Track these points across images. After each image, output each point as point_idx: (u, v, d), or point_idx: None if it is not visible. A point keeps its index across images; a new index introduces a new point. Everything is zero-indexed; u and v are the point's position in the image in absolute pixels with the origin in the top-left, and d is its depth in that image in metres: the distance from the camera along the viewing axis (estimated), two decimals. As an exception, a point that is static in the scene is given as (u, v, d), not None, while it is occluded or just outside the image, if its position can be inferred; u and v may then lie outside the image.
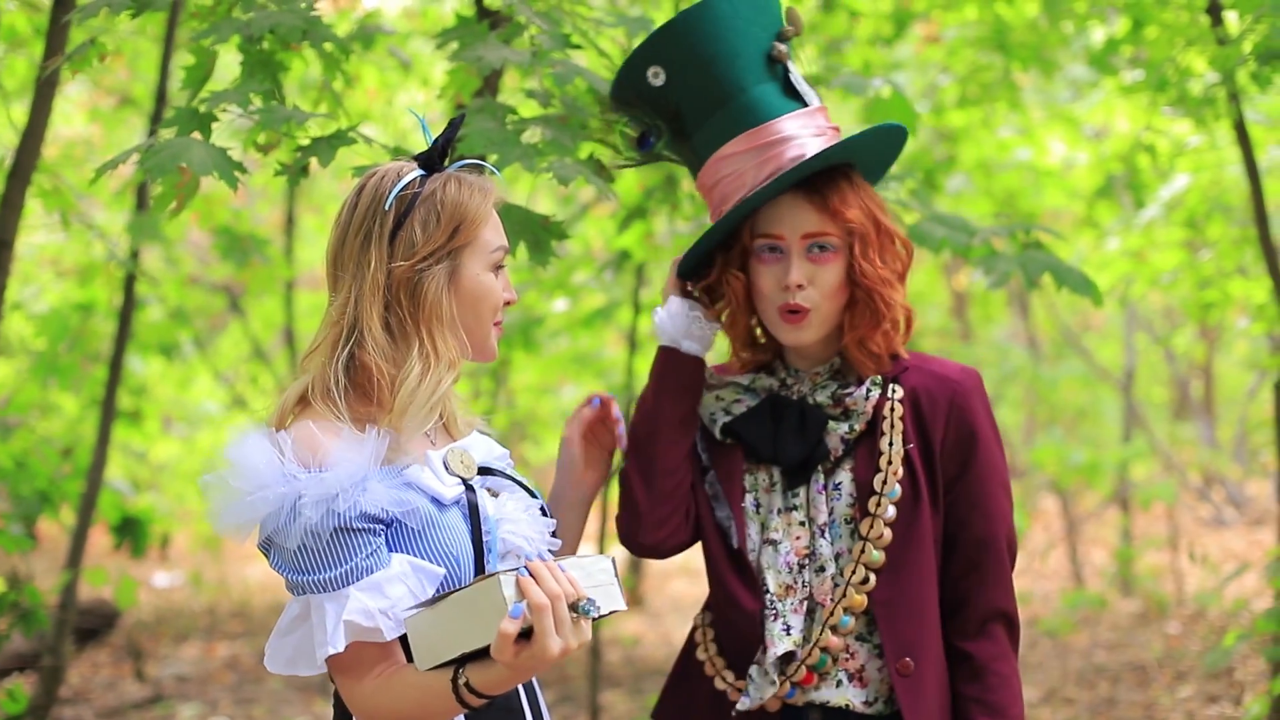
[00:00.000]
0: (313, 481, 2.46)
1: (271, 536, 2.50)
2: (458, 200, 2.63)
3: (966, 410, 3.06)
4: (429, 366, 2.58)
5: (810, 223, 3.01)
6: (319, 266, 13.80)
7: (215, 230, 7.03)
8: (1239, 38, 5.39)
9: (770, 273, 3.04)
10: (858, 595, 2.99)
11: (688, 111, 3.03)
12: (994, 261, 4.11)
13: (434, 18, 9.66)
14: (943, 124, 8.97)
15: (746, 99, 3.01)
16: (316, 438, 2.52)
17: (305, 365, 2.68)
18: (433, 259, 2.60)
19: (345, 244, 2.65)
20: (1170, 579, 11.29)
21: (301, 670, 2.54)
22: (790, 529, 3.04)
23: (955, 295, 14.23)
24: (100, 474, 6.56)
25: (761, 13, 3.04)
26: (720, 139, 3.02)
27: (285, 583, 2.53)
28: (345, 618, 2.46)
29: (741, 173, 3.01)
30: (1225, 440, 15.61)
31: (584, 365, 10.34)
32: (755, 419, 3.10)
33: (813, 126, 3.03)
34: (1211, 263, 9.19)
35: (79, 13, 3.42)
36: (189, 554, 14.48)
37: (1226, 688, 8.17)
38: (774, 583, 3.02)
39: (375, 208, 2.63)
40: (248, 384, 12.30)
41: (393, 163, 2.73)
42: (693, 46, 2.99)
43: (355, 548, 2.49)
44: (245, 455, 2.49)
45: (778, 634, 3.00)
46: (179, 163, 3.10)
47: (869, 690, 3.03)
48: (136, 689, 8.72)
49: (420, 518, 2.56)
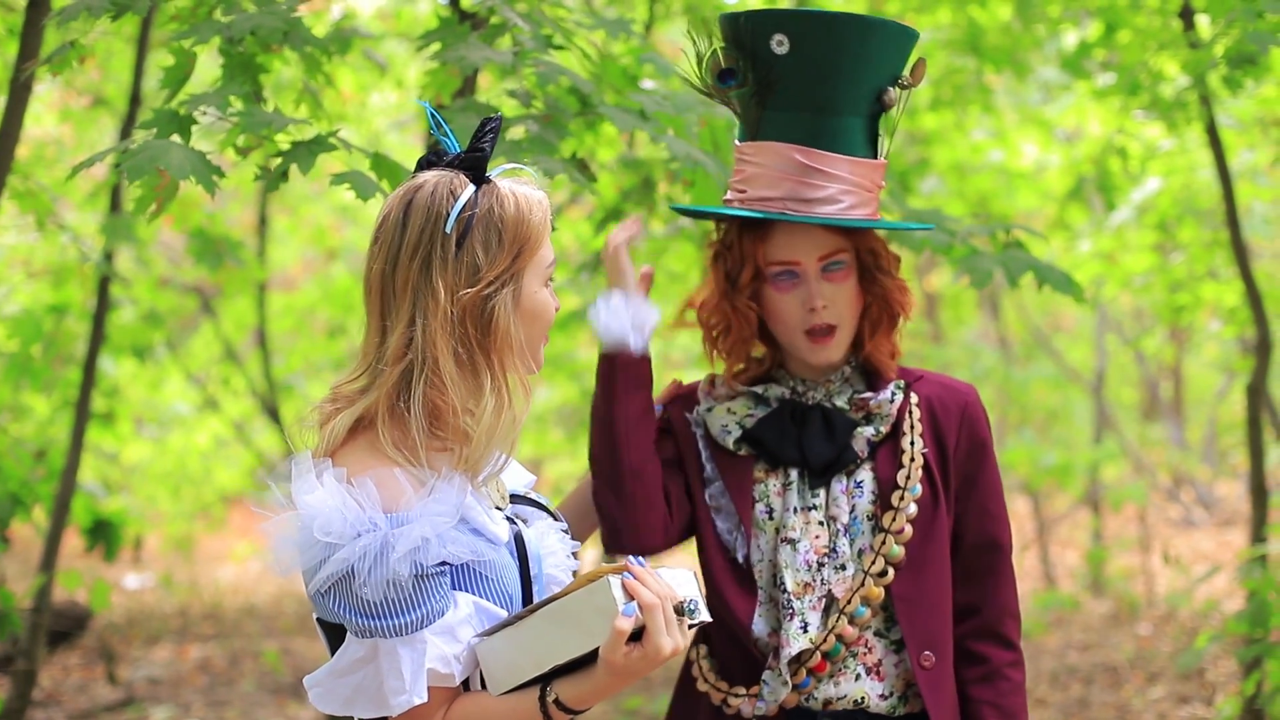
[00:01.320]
0: (404, 534, 2.34)
1: (342, 583, 2.36)
2: (519, 217, 2.46)
3: (976, 420, 3.14)
4: (502, 402, 2.45)
5: (825, 244, 3.04)
6: (291, 267, 13.73)
7: (189, 232, 7.01)
8: (1211, 42, 5.42)
9: (790, 299, 3.07)
10: (875, 587, 3.01)
11: (783, 91, 3.02)
12: (975, 261, 4.12)
13: (407, 19, 9.66)
14: (916, 127, 8.99)
15: (836, 123, 3.01)
16: (399, 484, 2.39)
17: (341, 393, 2.49)
18: (498, 283, 2.43)
19: (399, 268, 2.42)
20: (1141, 580, 11.34)
21: (359, 712, 2.41)
22: (809, 528, 3.06)
23: (926, 297, 14.26)
24: (74, 476, 6.53)
25: (895, 52, 3.04)
26: (790, 136, 3.01)
27: (349, 625, 2.38)
28: (431, 666, 2.38)
29: (782, 176, 3.02)
30: (1194, 441, 15.68)
31: (558, 367, 10.34)
32: (776, 424, 3.12)
33: (866, 179, 3.05)
34: (1183, 266, 9.23)
35: (58, 15, 3.41)
36: (159, 555, 14.43)
37: (1198, 689, 8.21)
38: (791, 581, 3.03)
39: (433, 229, 2.42)
40: (219, 385, 12.26)
41: (438, 174, 2.49)
42: (830, 48, 2.98)
43: (430, 592, 2.38)
44: (320, 501, 2.35)
45: (794, 633, 3.01)
46: (157, 165, 3.07)
47: (885, 684, 3.05)
48: (108, 691, 8.69)
49: (485, 562, 2.46)
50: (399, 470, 2.40)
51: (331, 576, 2.34)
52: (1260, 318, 7.01)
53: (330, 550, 2.33)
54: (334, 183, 3.28)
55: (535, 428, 12.07)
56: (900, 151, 8.72)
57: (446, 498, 2.40)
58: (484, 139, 2.51)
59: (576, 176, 3.46)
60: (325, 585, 2.36)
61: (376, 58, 5.81)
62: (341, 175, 3.29)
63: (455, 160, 2.51)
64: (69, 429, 6.89)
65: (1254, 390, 7.24)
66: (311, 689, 2.45)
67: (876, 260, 3.08)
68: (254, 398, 11.28)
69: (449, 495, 2.41)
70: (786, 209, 3.00)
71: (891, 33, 3.03)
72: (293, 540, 2.36)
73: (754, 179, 3.05)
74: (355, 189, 3.33)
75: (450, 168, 2.50)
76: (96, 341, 6.63)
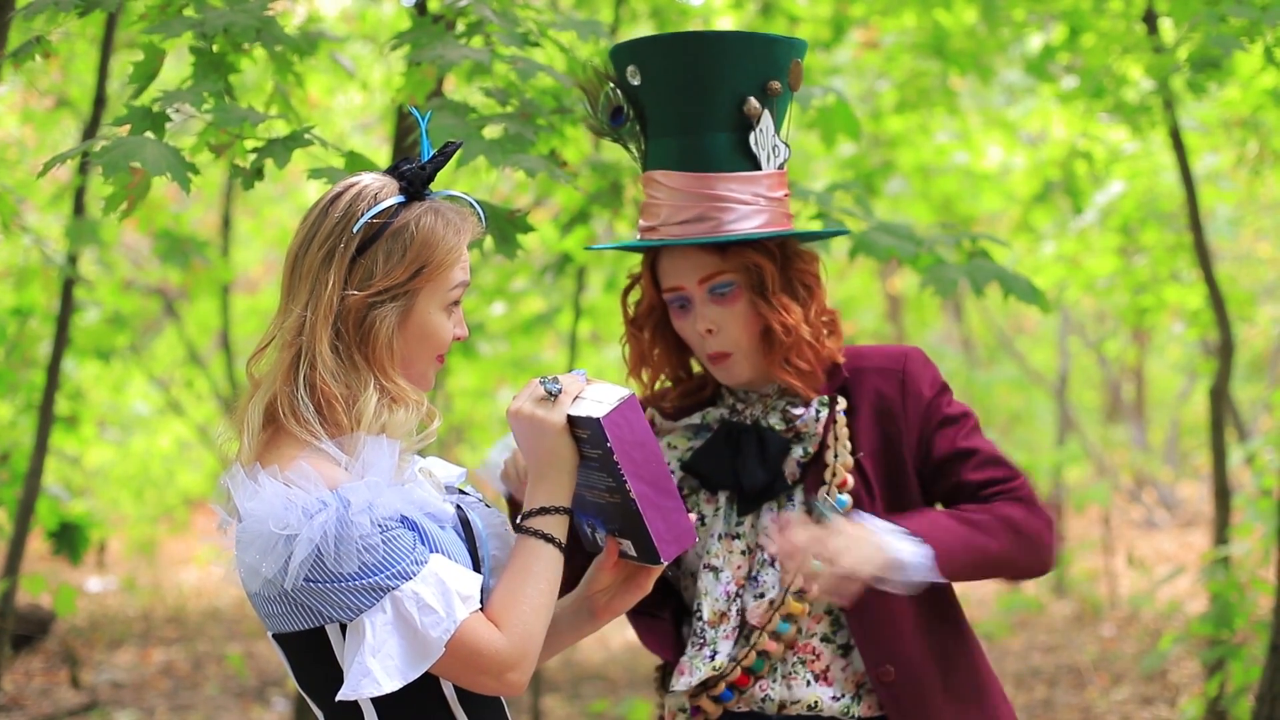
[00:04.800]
0: (353, 492, 2.38)
1: (318, 566, 2.36)
2: (429, 239, 2.51)
3: (924, 379, 3.08)
4: (394, 401, 2.52)
5: (704, 266, 2.99)
6: (253, 270, 13.68)
7: (156, 233, 6.98)
8: (1175, 45, 5.46)
9: (687, 324, 3.04)
10: (797, 603, 2.98)
11: (652, 119, 3.02)
12: (941, 270, 4.13)
13: (372, 21, 9.64)
14: (881, 129, 9.02)
15: (697, 140, 2.98)
16: (330, 461, 2.45)
17: (251, 369, 2.57)
18: (387, 295, 2.50)
19: (307, 254, 2.51)
20: (1104, 582, 11.40)
21: (413, 672, 2.39)
22: (731, 556, 3.04)
23: (889, 299, 14.31)
24: (38, 480, 6.49)
25: (752, 62, 2.98)
26: (663, 162, 3.00)
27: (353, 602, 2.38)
28: (454, 588, 2.40)
29: (661, 203, 3.00)
30: (1156, 443, 15.77)
31: (521, 369, 10.33)
32: (712, 452, 3.08)
33: (747, 192, 2.98)
34: (1146, 269, 9.29)
35: (24, 11, 3.39)
36: (122, 559, 14.37)
37: (1161, 690, 8.26)
38: (708, 610, 3.02)
39: (344, 226, 2.50)
40: (182, 388, 12.22)
41: (378, 178, 2.58)
42: (674, 69, 2.96)
43: (405, 541, 2.40)
44: (266, 500, 2.38)
45: (699, 662, 3.00)
46: (131, 162, 3.06)
47: (835, 687, 3.02)
48: (72, 696, 8.65)
49: (433, 530, 2.48)
50: (325, 444, 2.46)
51: (305, 563, 2.35)
52: (1223, 320, 7.06)
53: (292, 541, 2.35)
54: (311, 176, 3.28)
55: (496, 430, 12.07)
56: (865, 154, 8.73)
57: (379, 456, 2.47)
58: (434, 160, 2.58)
59: (556, 173, 3.46)
60: (302, 575, 2.36)
61: (344, 61, 5.79)
62: (318, 170, 3.29)
63: (402, 170, 2.57)
64: (32, 432, 6.85)
65: (1217, 392, 7.29)
66: (360, 684, 2.38)
67: (760, 278, 3.01)
68: (218, 400, 11.25)
69: (380, 453, 2.47)
70: (666, 235, 2.98)
71: (733, 43, 2.98)
72: (252, 547, 2.37)
73: (646, 209, 3.04)
74: (332, 183, 3.32)
75: (397, 176, 2.57)
76: (60, 344, 6.59)
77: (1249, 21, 4.59)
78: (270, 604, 2.44)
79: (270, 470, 2.43)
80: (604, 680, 9.10)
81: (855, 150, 8.38)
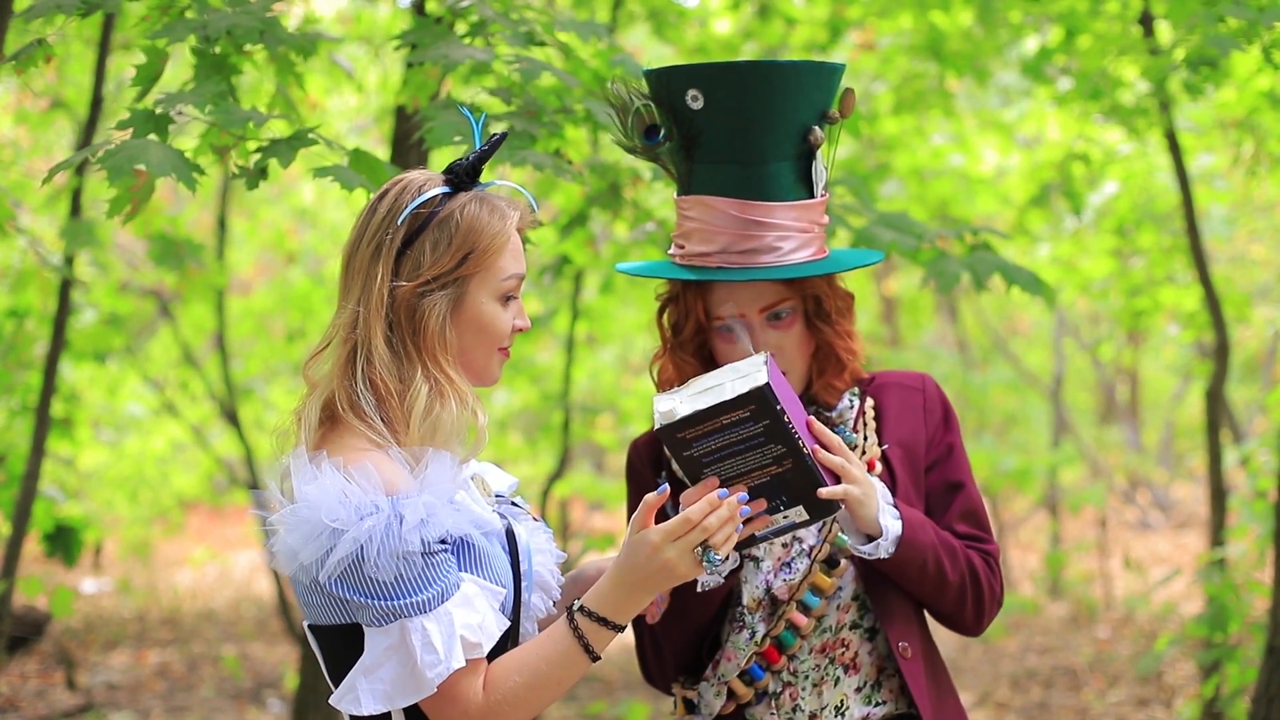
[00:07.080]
0: (409, 506, 2.39)
1: (354, 568, 2.38)
2: (474, 225, 2.53)
3: (939, 401, 3.15)
4: (443, 395, 2.51)
5: (766, 295, 3.01)
6: (247, 272, 13.67)
7: (151, 236, 6.98)
8: (1171, 47, 5.46)
9: (737, 349, 3.02)
10: (825, 576, 3.00)
11: (707, 145, 2.98)
12: (942, 264, 4.12)
13: (367, 23, 9.64)
14: (876, 132, 9.02)
15: (763, 170, 2.96)
16: (395, 466, 2.45)
17: (308, 371, 2.58)
18: (436, 284, 2.51)
19: (358, 252, 2.54)
20: (1100, 583, 11.41)
21: (400, 701, 2.41)
22: (772, 548, 3.06)
23: (884, 300, 14.31)
24: (35, 482, 6.49)
25: (815, 90, 2.98)
26: (720, 189, 2.97)
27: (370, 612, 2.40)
28: (460, 634, 2.40)
29: (718, 230, 2.97)
30: (1151, 445, 15.78)
31: (518, 370, 10.33)
32: None
33: (805, 220, 2.99)
34: (1142, 271, 9.30)
35: (27, 14, 3.39)
36: (117, 560, 14.36)
37: (1157, 691, 8.26)
38: (748, 596, 3.04)
39: (390, 218, 2.52)
40: (177, 390, 12.20)
41: (424, 172, 2.61)
42: (744, 98, 2.93)
43: (441, 567, 2.41)
44: (323, 489, 2.39)
45: (741, 644, 3.03)
46: (136, 165, 3.06)
47: (860, 675, 3.05)
48: (67, 697, 8.64)
49: (482, 550, 2.48)
50: (393, 450, 2.46)
51: (342, 561, 2.36)
52: (1218, 322, 7.07)
53: (337, 536, 2.36)
54: (316, 175, 3.29)
55: (495, 432, 12.05)
56: (860, 156, 8.74)
57: (442, 473, 2.45)
58: (481, 151, 2.59)
59: (562, 170, 3.47)
60: (336, 572, 2.38)
61: (343, 62, 5.79)
62: (325, 169, 3.30)
63: (452, 167, 2.58)
64: (28, 434, 6.85)
65: (1212, 394, 7.30)
66: (344, 698, 2.43)
67: (820, 305, 3.04)
68: (212, 402, 11.24)
69: (444, 470, 2.46)
70: (726, 263, 2.97)
71: (805, 73, 2.98)
72: (297, 532, 2.38)
73: (691, 234, 3.01)
74: (339, 181, 3.37)
75: (445, 171, 2.58)
76: (57, 346, 6.60)
77: (1247, 22, 4.60)
78: (310, 594, 2.47)
79: (334, 461, 2.43)
80: (601, 682, 9.10)
81: (850, 152, 8.38)
